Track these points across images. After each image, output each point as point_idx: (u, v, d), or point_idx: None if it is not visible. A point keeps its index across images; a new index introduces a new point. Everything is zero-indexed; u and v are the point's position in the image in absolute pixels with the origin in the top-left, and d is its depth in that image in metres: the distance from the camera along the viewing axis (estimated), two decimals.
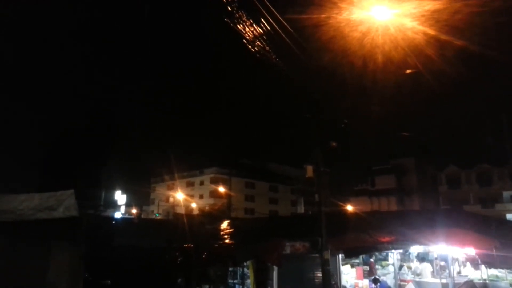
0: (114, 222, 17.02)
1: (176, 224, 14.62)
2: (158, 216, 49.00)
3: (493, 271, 12.40)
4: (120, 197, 40.89)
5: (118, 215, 34.17)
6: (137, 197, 52.24)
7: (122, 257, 10.51)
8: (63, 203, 9.06)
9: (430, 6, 9.55)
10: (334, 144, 12.10)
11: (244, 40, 10.19)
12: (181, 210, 43.93)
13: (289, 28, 9.63)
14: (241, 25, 10.11)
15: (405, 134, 35.89)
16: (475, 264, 12.47)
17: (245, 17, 9.98)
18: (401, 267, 14.74)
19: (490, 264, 10.67)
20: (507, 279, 12.32)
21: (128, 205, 46.14)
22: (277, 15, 9.32)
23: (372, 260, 14.86)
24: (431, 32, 10.17)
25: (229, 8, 9.80)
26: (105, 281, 10.12)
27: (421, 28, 9.95)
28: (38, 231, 8.92)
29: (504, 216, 37.72)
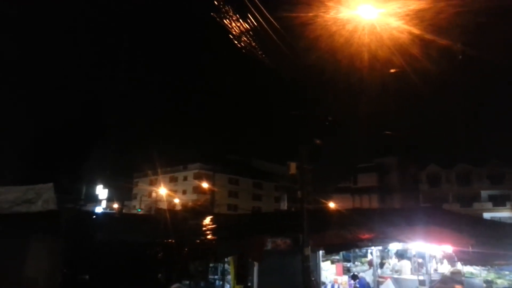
0: (94, 216, 16.78)
1: (158, 220, 14.47)
2: (140, 211, 48.57)
3: (469, 268, 12.70)
4: (101, 191, 40.27)
5: (99, 209, 33.67)
6: (119, 192, 51.55)
7: (102, 252, 10.37)
8: (42, 197, 8.87)
9: (415, 5, 9.68)
10: (318, 142, 12.14)
11: (230, 36, 10.18)
12: (164, 206, 43.60)
13: (277, 25, 9.66)
14: (228, 20, 10.08)
15: (388, 133, 36.38)
16: (452, 261, 12.75)
17: (232, 13, 9.96)
18: (382, 264, 14.91)
19: (466, 261, 10.87)
20: (481, 276, 12.67)
21: (109, 199, 45.51)
22: (265, 12, 9.33)
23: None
24: (416, 31, 10.32)
25: (216, 3, 9.77)
26: (83, 276, 9.98)
27: (406, 27, 10.09)
28: (16, 225, 8.72)
29: (481, 214, 38.75)
